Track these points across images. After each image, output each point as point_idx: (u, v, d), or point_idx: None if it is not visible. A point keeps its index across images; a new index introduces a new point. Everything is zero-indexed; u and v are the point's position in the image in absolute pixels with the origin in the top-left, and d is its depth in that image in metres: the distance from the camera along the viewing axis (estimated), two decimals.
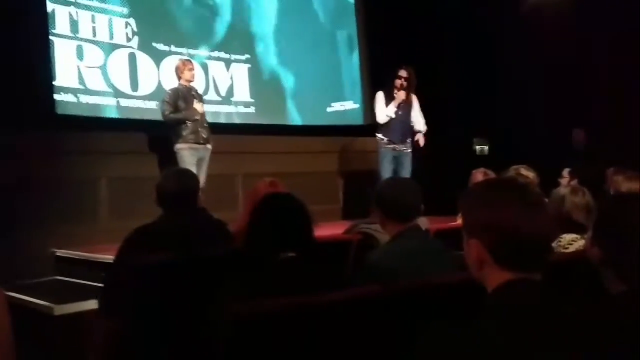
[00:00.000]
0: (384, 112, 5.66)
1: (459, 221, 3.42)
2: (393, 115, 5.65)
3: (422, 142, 5.72)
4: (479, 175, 3.54)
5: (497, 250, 1.15)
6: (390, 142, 5.65)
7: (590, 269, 1.40)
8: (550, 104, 7.02)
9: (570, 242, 2.38)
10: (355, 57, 7.74)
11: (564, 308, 1.11)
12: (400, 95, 5.65)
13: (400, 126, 5.67)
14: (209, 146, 5.25)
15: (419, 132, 5.75)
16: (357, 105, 7.50)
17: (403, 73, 5.72)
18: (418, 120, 5.81)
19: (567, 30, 6.96)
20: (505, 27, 7.56)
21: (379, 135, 5.71)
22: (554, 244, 2.38)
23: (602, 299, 1.32)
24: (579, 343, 1.06)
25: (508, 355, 1.03)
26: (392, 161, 5.66)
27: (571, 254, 2.28)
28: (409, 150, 5.69)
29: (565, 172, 5.39)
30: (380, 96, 5.75)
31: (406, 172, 5.61)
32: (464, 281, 1.50)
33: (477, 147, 7.72)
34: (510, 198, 1.18)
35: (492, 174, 3.42)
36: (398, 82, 5.68)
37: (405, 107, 5.69)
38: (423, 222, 2.49)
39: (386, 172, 5.60)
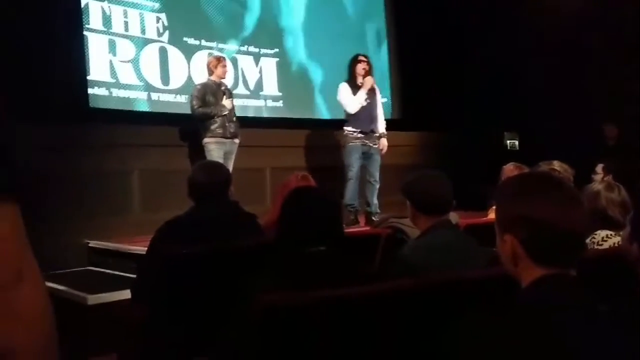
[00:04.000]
0: (354, 100, 5.32)
1: (490, 216, 3.40)
2: (364, 103, 5.32)
3: (384, 148, 5.38)
4: (510, 170, 3.49)
5: (532, 246, 1.14)
6: (360, 133, 5.32)
7: (626, 266, 1.38)
8: (582, 98, 6.90)
9: (605, 238, 2.34)
10: (384, 51, 7.71)
11: (599, 304, 1.10)
12: (369, 80, 5.36)
13: (368, 115, 5.35)
14: (236, 140, 5.28)
15: (381, 135, 5.42)
16: (385, 99, 7.46)
17: (363, 57, 5.46)
18: (381, 115, 5.48)
19: (597, 25, 6.83)
20: (537, 21, 7.44)
21: (348, 128, 5.38)
22: (587, 241, 2.34)
23: (637, 297, 1.30)
24: (613, 339, 1.05)
25: (541, 350, 1.02)
26: (361, 157, 5.36)
27: (606, 250, 2.24)
28: (377, 147, 5.39)
29: (599, 167, 5.28)
30: (345, 86, 5.41)
31: (376, 169, 5.39)
32: (496, 276, 1.49)
33: (508, 142, 7.62)
34: (546, 192, 1.16)
35: (525, 169, 3.37)
36: (360, 67, 5.39)
37: (371, 95, 5.40)
38: (454, 217, 2.47)
39: (355, 166, 5.34)
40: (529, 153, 5.42)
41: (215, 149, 5.12)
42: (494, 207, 1.29)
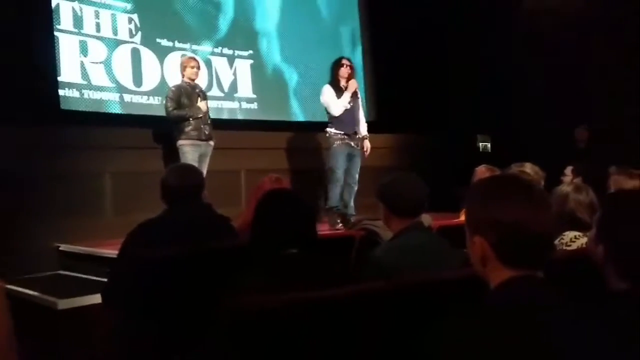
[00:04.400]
0: (338, 103, 5.31)
1: (462, 218, 3.43)
2: (348, 106, 5.33)
3: (368, 149, 5.48)
4: (482, 172, 3.53)
5: (500, 247, 1.16)
6: (344, 135, 5.32)
7: (593, 267, 1.41)
8: (553, 101, 7.01)
9: (573, 239, 2.38)
10: (358, 53, 7.74)
11: (566, 305, 1.12)
12: (353, 84, 5.38)
13: (351, 117, 5.38)
14: (211, 142, 5.26)
15: (364, 137, 5.48)
16: None
17: (346, 61, 5.49)
18: (362, 118, 5.55)
19: (569, 28, 6.95)
20: (510, 25, 7.55)
21: (332, 130, 5.36)
22: (556, 242, 2.38)
23: (603, 297, 1.32)
24: (580, 340, 1.07)
25: (510, 351, 1.04)
26: (346, 159, 5.36)
27: (574, 251, 2.28)
28: (359, 149, 5.44)
29: (568, 170, 5.39)
30: (328, 88, 5.39)
31: (357, 171, 5.42)
32: (466, 278, 1.51)
33: (480, 144, 7.71)
34: (514, 195, 1.18)
35: (497, 171, 3.41)
36: (344, 70, 5.40)
37: (353, 98, 5.44)
38: (426, 218, 2.50)
39: (341, 168, 5.31)
40: (502, 155, 5.50)
41: (190, 152, 5.09)
42: None
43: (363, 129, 5.51)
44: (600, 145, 6.33)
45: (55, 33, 5.27)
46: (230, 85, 6.56)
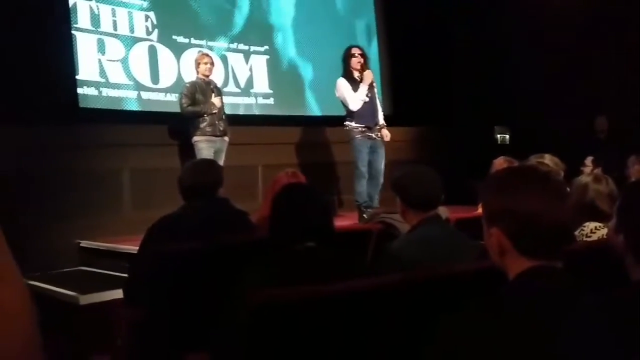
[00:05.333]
0: (356, 97, 5.15)
1: (480, 210, 3.41)
2: (366, 99, 5.16)
3: (387, 136, 5.31)
4: (500, 163, 3.50)
5: (517, 238, 1.16)
6: (365, 128, 5.17)
7: (613, 257, 1.39)
8: (572, 92, 6.93)
9: (593, 230, 2.36)
10: (374, 47, 7.71)
11: (585, 295, 1.11)
12: (368, 75, 5.21)
13: (371, 109, 5.21)
14: (226, 138, 5.28)
15: (382, 125, 5.34)
16: None
17: (357, 50, 5.30)
18: (379, 108, 5.43)
19: (596, 24, 6.85)
20: (528, 14, 7.46)
21: (352, 124, 5.20)
22: (576, 232, 2.36)
23: (624, 287, 1.31)
24: (599, 330, 1.06)
25: (529, 341, 1.03)
26: (369, 152, 5.20)
27: (594, 242, 2.26)
28: (380, 139, 5.28)
29: (588, 160, 5.34)
30: (344, 82, 5.22)
31: (381, 163, 5.27)
32: (484, 269, 1.50)
33: (499, 136, 7.64)
34: (530, 186, 1.18)
35: (515, 162, 3.38)
36: (355, 61, 5.23)
37: (370, 89, 5.26)
38: (443, 211, 2.49)
39: (365, 163, 5.18)
40: (520, 147, 5.45)
41: (205, 147, 5.11)
42: None
43: (380, 118, 5.40)
44: (619, 135, 6.25)
45: (73, 32, 5.31)
46: (247, 81, 6.58)
